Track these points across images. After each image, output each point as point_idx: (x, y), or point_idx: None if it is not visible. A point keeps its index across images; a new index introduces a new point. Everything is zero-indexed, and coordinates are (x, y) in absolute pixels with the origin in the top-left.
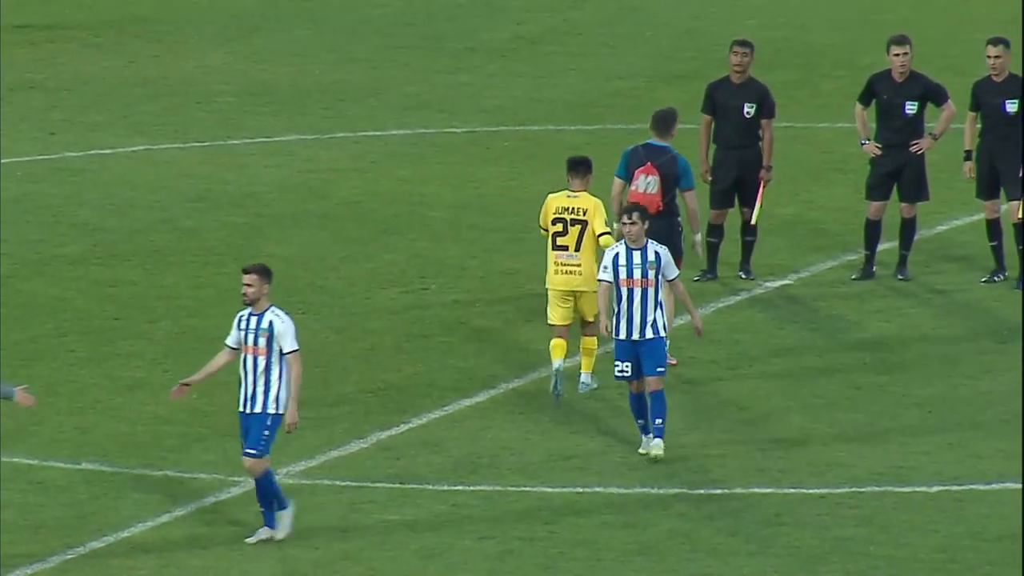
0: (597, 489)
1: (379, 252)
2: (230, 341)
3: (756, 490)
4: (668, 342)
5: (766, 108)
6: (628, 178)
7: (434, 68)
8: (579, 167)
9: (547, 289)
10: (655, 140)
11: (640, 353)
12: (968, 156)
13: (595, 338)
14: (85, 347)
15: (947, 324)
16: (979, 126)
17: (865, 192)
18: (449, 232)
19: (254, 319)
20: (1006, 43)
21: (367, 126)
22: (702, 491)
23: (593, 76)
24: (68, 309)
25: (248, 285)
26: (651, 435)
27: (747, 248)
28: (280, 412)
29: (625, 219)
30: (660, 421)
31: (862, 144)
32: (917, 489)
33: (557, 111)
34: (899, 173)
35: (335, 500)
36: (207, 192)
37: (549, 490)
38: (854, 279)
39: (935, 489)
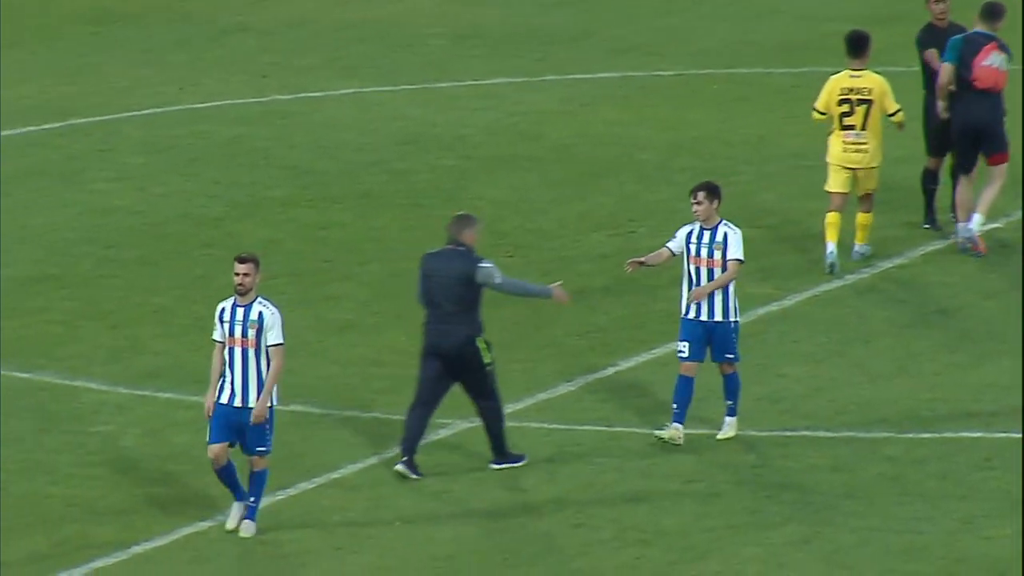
0: (804, 432)
1: (588, 195)
2: (217, 336)
3: (965, 434)
4: (738, 326)
5: None
6: (960, 62)
7: (643, 11)
8: (858, 44)
9: (827, 163)
10: (983, 29)
11: (711, 337)
12: None
13: (870, 215)
14: (295, 289)
15: None
16: None
17: None
18: (659, 175)
19: (240, 310)
20: None
21: (576, 69)
22: (911, 435)
23: (802, 18)
24: (278, 251)
25: (245, 275)
26: (727, 416)
27: None
28: (276, 404)
29: (692, 199)
30: (731, 402)
31: None
32: None
33: (766, 54)
34: None
35: (543, 443)
36: (417, 135)
37: (756, 433)
38: None
39: None
